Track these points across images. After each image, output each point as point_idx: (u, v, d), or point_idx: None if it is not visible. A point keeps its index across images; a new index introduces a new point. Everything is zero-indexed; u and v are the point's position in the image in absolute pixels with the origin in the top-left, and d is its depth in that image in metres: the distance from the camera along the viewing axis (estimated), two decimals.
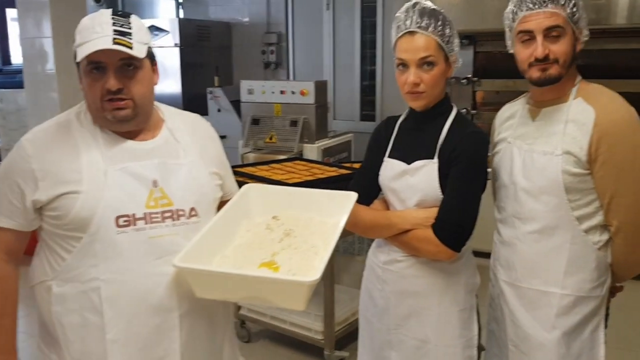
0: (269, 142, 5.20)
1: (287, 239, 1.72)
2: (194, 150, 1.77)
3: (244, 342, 3.87)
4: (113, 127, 1.64)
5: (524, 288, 1.98)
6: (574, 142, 1.83)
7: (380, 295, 2.10)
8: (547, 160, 1.87)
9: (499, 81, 5.47)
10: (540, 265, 1.94)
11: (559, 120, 1.88)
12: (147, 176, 1.64)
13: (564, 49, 1.83)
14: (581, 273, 1.91)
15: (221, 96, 6.38)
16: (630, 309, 4.17)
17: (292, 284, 1.48)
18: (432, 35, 1.88)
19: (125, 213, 1.59)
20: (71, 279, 1.59)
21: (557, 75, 1.85)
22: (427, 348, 2.02)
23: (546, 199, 1.89)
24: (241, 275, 1.52)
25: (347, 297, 3.70)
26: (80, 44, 1.56)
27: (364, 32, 6.63)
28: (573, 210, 1.87)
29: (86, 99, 1.65)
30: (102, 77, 1.57)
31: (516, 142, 2.00)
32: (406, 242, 1.97)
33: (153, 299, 1.61)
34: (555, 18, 1.81)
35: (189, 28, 6.85)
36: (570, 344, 1.93)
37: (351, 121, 6.71)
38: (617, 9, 4.51)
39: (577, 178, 1.84)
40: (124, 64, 1.58)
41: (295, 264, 1.59)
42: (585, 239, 1.89)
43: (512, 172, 1.98)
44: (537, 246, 1.94)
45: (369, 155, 2.13)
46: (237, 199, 1.83)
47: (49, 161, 1.59)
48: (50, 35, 4.38)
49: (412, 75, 1.89)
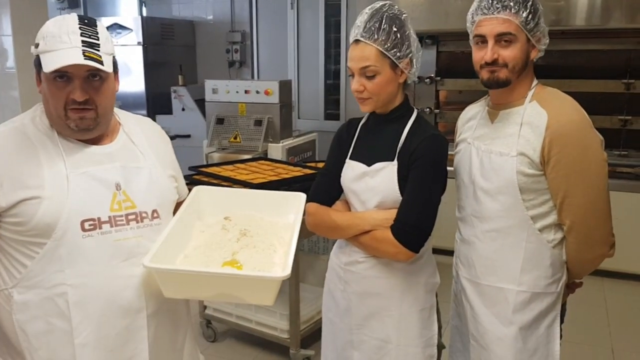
0: (234, 141, 5.19)
1: (244, 238, 1.76)
2: (151, 153, 1.78)
3: (210, 342, 3.87)
4: (74, 135, 1.62)
5: (483, 285, 2.04)
6: (528, 144, 1.89)
7: (342, 295, 2.12)
8: (503, 161, 1.93)
9: (462, 81, 5.55)
10: (498, 263, 2.00)
11: (515, 123, 1.94)
12: (109, 180, 1.64)
13: (513, 54, 1.88)
14: (536, 270, 1.97)
15: (185, 95, 6.35)
16: (588, 305, 4.29)
17: (264, 281, 1.54)
18: (374, 45, 1.88)
19: (91, 217, 1.58)
20: (34, 286, 1.57)
21: (505, 79, 1.91)
22: (388, 348, 2.05)
23: (502, 199, 1.95)
24: (213, 274, 1.56)
25: (312, 296, 3.72)
26: (46, 51, 1.52)
27: (328, 31, 6.64)
28: (528, 210, 1.93)
29: (46, 105, 1.61)
30: (67, 86, 1.54)
31: (475, 142, 2.06)
32: (366, 243, 1.99)
33: (122, 301, 1.61)
34: (507, 25, 1.86)
35: (152, 26, 6.79)
36: (527, 339, 2.00)
37: (315, 120, 6.73)
38: (576, 10, 4.61)
39: (530, 179, 1.90)
40: (90, 74, 1.56)
41: (257, 262, 1.65)
42: (540, 238, 1.95)
43: (471, 172, 2.04)
44: (494, 244, 2.00)
45: (331, 156, 2.15)
46: (190, 201, 1.86)
47: (8, 166, 1.55)
48: (10, 34, 4.30)
49: (355, 82, 1.94)
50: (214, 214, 1.91)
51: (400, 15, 1.93)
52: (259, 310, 3.62)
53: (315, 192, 2.11)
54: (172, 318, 1.77)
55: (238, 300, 1.66)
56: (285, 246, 1.74)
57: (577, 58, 5.22)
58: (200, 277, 1.55)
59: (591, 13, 4.62)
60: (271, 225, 1.87)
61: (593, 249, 1.97)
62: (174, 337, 1.80)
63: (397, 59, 1.91)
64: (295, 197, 1.95)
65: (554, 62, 4.93)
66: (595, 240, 1.95)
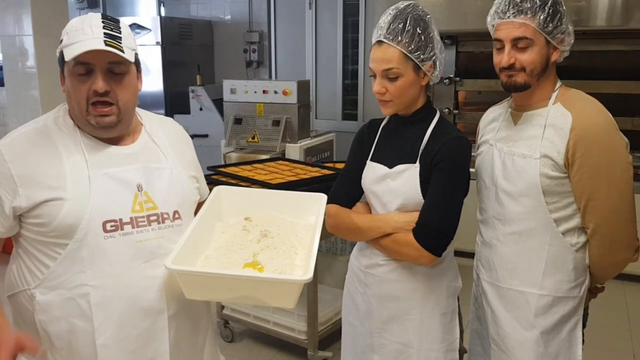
0: (252, 141, 5.19)
1: (264, 239, 1.76)
2: (173, 154, 1.78)
3: (228, 342, 3.87)
4: (96, 132, 1.63)
5: (504, 288, 2.02)
6: (552, 146, 1.87)
7: (363, 299, 2.10)
8: (526, 163, 1.91)
9: (481, 81, 5.51)
10: (519, 266, 1.98)
11: (538, 125, 1.92)
12: (131, 181, 1.64)
13: (531, 58, 1.86)
14: (559, 274, 1.95)
15: (203, 95, 6.37)
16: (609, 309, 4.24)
17: (286, 283, 1.53)
18: (398, 47, 1.86)
19: (112, 218, 1.58)
20: (56, 286, 1.57)
21: (523, 83, 1.90)
22: (409, 352, 2.03)
23: (525, 201, 1.93)
24: (235, 276, 1.56)
25: (330, 297, 3.71)
26: (69, 44, 1.54)
27: (346, 31, 6.63)
28: (551, 213, 1.91)
29: (69, 101, 1.62)
30: (89, 79, 1.55)
31: (497, 144, 2.03)
32: (387, 246, 1.97)
33: (143, 302, 1.61)
34: (523, 29, 1.84)
35: (170, 26, 6.82)
36: (548, 343, 1.97)
37: (333, 120, 6.72)
38: (597, 11, 4.56)
39: (554, 181, 1.88)
40: (112, 68, 1.56)
41: (278, 264, 1.64)
42: (563, 241, 1.93)
43: (493, 174, 2.02)
44: (516, 247, 1.97)
45: (352, 157, 2.13)
46: (210, 201, 1.86)
47: (29, 167, 1.56)
48: (30, 33, 4.34)
49: (377, 85, 1.92)
50: (234, 214, 1.90)
51: (424, 17, 1.91)
52: (276, 311, 3.62)
53: (336, 193, 2.10)
54: (193, 319, 1.77)
55: (259, 302, 1.65)
56: (305, 248, 1.74)
57: (597, 59, 5.16)
58: (222, 279, 1.55)
59: (612, 13, 4.56)
60: (292, 226, 1.87)
61: (617, 253, 1.93)
62: (194, 338, 1.80)
63: (421, 62, 1.88)
64: (316, 198, 1.94)
65: (574, 63, 4.85)
66: (619, 244, 1.92)
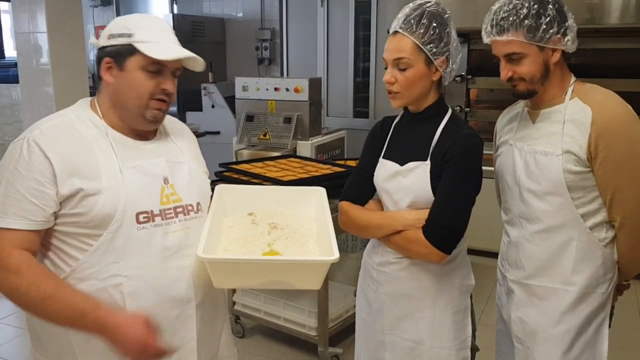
0: (263, 138, 5.21)
1: (274, 231, 1.82)
2: (187, 150, 1.84)
3: (239, 338, 3.89)
4: (142, 125, 1.69)
5: (534, 286, 2.02)
6: (573, 141, 1.86)
7: (375, 296, 2.11)
8: (549, 161, 1.91)
9: (493, 79, 5.47)
10: (548, 264, 1.97)
11: (557, 121, 1.92)
12: (158, 173, 1.69)
13: (526, 69, 1.88)
14: (588, 270, 1.94)
15: (215, 92, 6.39)
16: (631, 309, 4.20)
17: (316, 264, 1.65)
18: (411, 37, 1.87)
19: (145, 210, 1.63)
20: (88, 277, 1.58)
21: (526, 91, 1.92)
22: (421, 350, 2.04)
23: (551, 199, 1.92)
24: (268, 260, 1.66)
25: (340, 294, 3.72)
26: (146, 41, 1.61)
27: (357, 29, 6.64)
28: (577, 208, 1.90)
29: (120, 92, 1.65)
30: (157, 77, 1.64)
31: (517, 143, 2.03)
32: (397, 243, 1.98)
33: (173, 292, 1.66)
34: (510, 45, 1.86)
35: (183, 24, 6.84)
36: (575, 340, 1.97)
37: (344, 118, 6.73)
38: (610, 8, 4.53)
39: (578, 176, 1.87)
40: (175, 72, 1.69)
41: (295, 251, 1.73)
42: (591, 236, 1.92)
43: (515, 174, 2.02)
44: (544, 245, 1.97)
45: (365, 155, 2.14)
46: (215, 199, 1.91)
47: (65, 154, 1.57)
48: (45, 30, 4.36)
49: (387, 74, 1.93)
50: (237, 211, 1.96)
51: (443, 14, 1.92)
52: (287, 307, 3.64)
53: (348, 190, 2.11)
54: (214, 307, 1.83)
55: (286, 286, 1.71)
56: (314, 237, 1.82)
57: (611, 57, 5.13)
58: (254, 264, 1.65)
59: (625, 11, 4.54)
60: (295, 218, 1.92)
61: None
62: (213, 326, 1.85)
63: (433, 55, 1.88)
64: (314, 192, 2.02)
65: (588, 61, 4.86)
66: None
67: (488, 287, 4.40)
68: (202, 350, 1.76)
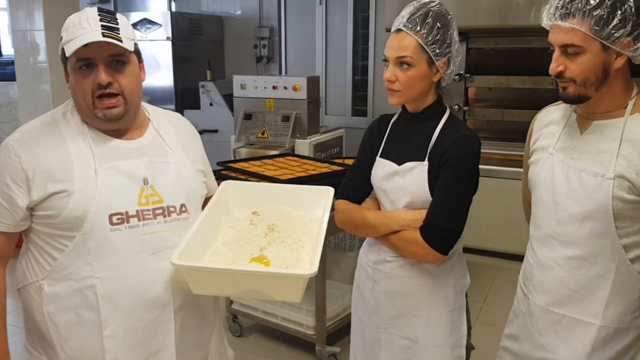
0: (261, 137, 5.20)
1: (271, 233, 1.77)
2: (180, 149, 1.80)
3: (236, 337, 3.88)
4: (103, 125, 1.65)
5: (559, 314, 1.82)
6: (630, 165, 1.64)
7: (371, 294, 2.11)
8: (597, 183, 1.68)
9: (492, 77, 5.48)
10: (579, 294, 1.77)
11: (612, 138, 1.68)
12: (137, 174, 1.66)
13: (580, 68, 1.63)
14: (623, 304, 1.74)
15: (213, 90, 6.38)
16: None
17: (291, 278, 1.54)
18: (415, 36, 1.86)
19: (119, 211, 1.60)
20: (64, 278, 1.60)
21: (576, 95, 1.68)
22: (416, 348, 2.03)
23: (591, 225, 1.71)
24: (240, 271, 1.57)
25: (338, 293, 3.72)
26: (68, 40, 1.56)
27: (356, 26, 6.63)
28: (620, 238, 1.69)
29: (75, 97, 1.65)
30: (91, 73, 1.58)
31: (558, 155, 1.80)
32: (394, 243, 1.97)
33: (149, 295, 1.63)
34: (570, 35, 1.61)
35: (181, 21, 6.83)
36: None
37: (343, 116, 6.72)
38: None
39: (629, 205, 1.65)
40: (113, 59, 1.59)
41: (285, 257, 1.66)
42: (631, 269, 1.72)
43: (554, 189, 1.80)
44: (577, 273, 1.76)
45: (362, 153, 2.13)
46: (218, 195, 1.88)
47: (39, 160, 1.58)
48: (42, 28, 4.37)
49: (388, 72, 1.91)
50: (242, 208, 1.92)
51: (446, 15, 1.90)
52: (284, 306, 3.63)
53: (345, 188, 2.10)
54: (199, 313, 1.80)
55: (265, 297, 1.68)
56: (312, 241, 1.75)
57: None
58: (228, 274, 1.57)
59: None
60: (299, 219, 1.88)
61: None
62: (200, 331, 1.82)
63: (436, 56, 1.87)
64: (323, 192, 1.95)
65: None
66: None
67: (485, 286, 4.43)
68: (184, 356, 1.75)
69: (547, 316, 1.85)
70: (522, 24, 4.69)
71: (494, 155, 5.17)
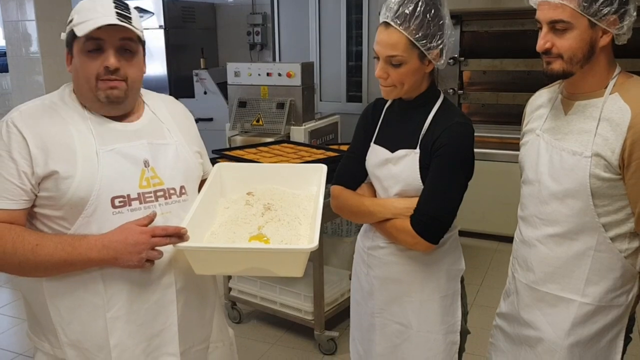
0: (256, 124, 5.19)
1: (268, 212, 1.80)
2: (177, 130, 1.81)
3: (235, 323, 3.91)
4: (102, 109, 1.66)
5: (542, 292, 1.87)
6: (606, 144, 1.67)
7: (366, 279, 2.12)
8: (575, 162, 1.72)
9: (486, 61, 5.48)
10: (561, 271, 1.82)
11: (592, 117, 1.72)
12: (138, 156, 1.67)
13: (568, 44, 1.66)
14: (604, 282, 1.78)
15: (207, 78, 6.36)
16: None
17: (292, 253, 1.60)
18: (405, 33, 1.80)
19: (121, 194, 1.61)
20: None
21: (561, 71, 1.71)
22: (409, 333, 2.05)
23: (571, 202, 1.75)
24: (242, 249, 1.62)
25: (336, 278, 3.73)
26: (80, 22, 1.57)
27: (349, 12, 6.58)
28: (600, 217, 1.73)
29: (77, 79, 1.65)
30: (99, 56, 1.59)
31: (544, 135, 1.85)
32: (387, 231, 1.98)
33: (152, 276, 1.65)
34: (559, 11, 1.64)
35: (173, 9, 6.78)
36: (584, 353, 1.83)
37: (337, 102, 6.70)
38: None
39: (606, 183, 1.69)
40: (122, 47, 1.61)
41: (283, 235, 1.69)
42: (611, 247, 1.75)
43: (538, 169, 1.85)
44: (559, 250, 1.81)
45: (357, 139, 2.13)
46: (212, 178, 1.89)
47: (42, 137, 1.57)
48: (33, 19, 4.35)
49: (379, 69, 1.89)
50: (236, 189, 1.94)
51: (437, 0, 1.83)
52: (283, 292, 3.65)
53: (340, 174, 2.10)
54: (200, 293, 1.82)
55: (268, 273, 1.71)
56: (309, 218, 1.79)
57: None
58: (230, 253, 1.61)
59: None
60: (294, 197, 1.90)
61: None
62: (202, 311, 1.84)
63: (427, 50, 1.83)
64: (316, 169, 1.97)
65: None
66: None
67: (482, 269, 4.45)
68: (187, 335, 1.77)
69: (531, 293, 1.91)
70: (516, 7, 4.67)
71: (489, 138, 5.18)
